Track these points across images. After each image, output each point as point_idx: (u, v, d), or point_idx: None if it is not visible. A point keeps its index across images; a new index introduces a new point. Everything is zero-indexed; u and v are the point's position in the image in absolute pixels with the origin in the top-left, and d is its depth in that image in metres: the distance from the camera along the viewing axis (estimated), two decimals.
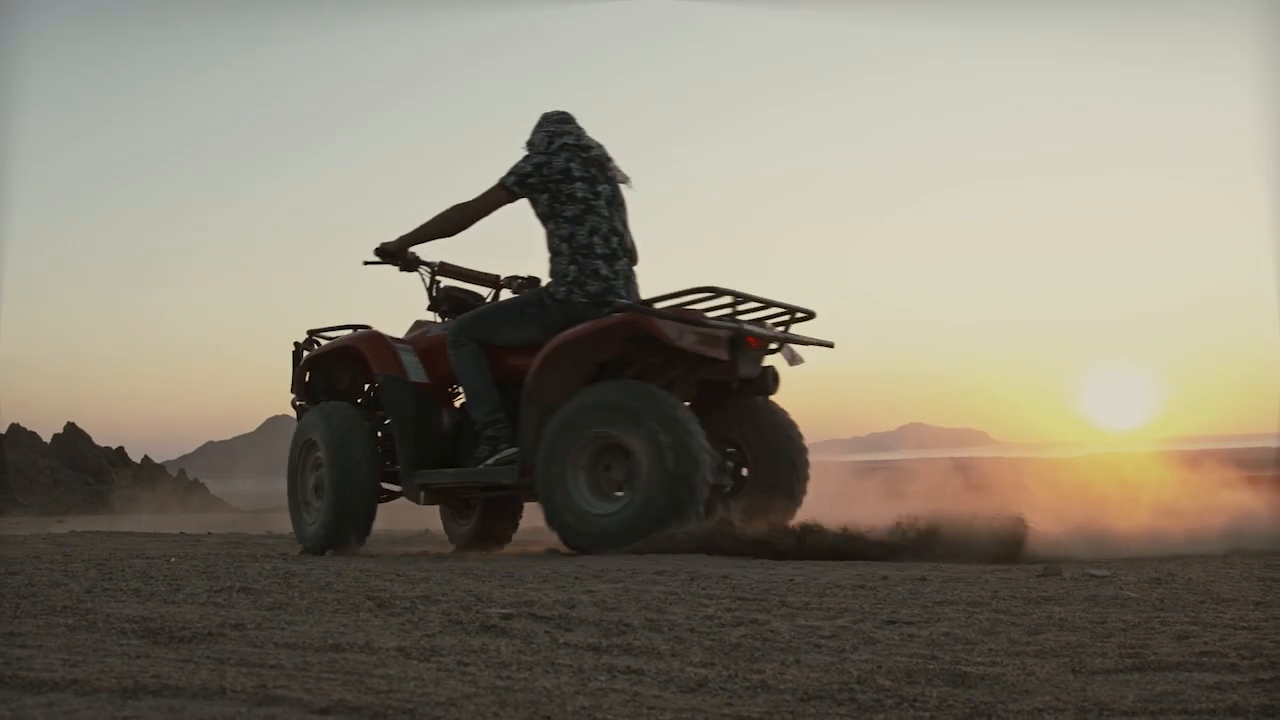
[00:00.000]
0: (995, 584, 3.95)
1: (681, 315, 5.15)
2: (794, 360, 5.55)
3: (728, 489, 5.65)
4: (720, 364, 5.31)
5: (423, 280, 6.20)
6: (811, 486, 5.96)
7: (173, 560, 4.85)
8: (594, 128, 5.84)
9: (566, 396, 5.32)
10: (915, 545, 4.94)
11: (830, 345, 5.74)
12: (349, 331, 6.36)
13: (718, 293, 5.17)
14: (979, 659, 2.57)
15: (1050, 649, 2.69)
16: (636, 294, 5.59)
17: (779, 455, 5.79)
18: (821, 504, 5.95)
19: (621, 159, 5.82)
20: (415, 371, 5.99)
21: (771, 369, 5.61)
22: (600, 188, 5.60)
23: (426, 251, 6.05)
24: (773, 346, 5.62)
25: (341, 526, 6.04)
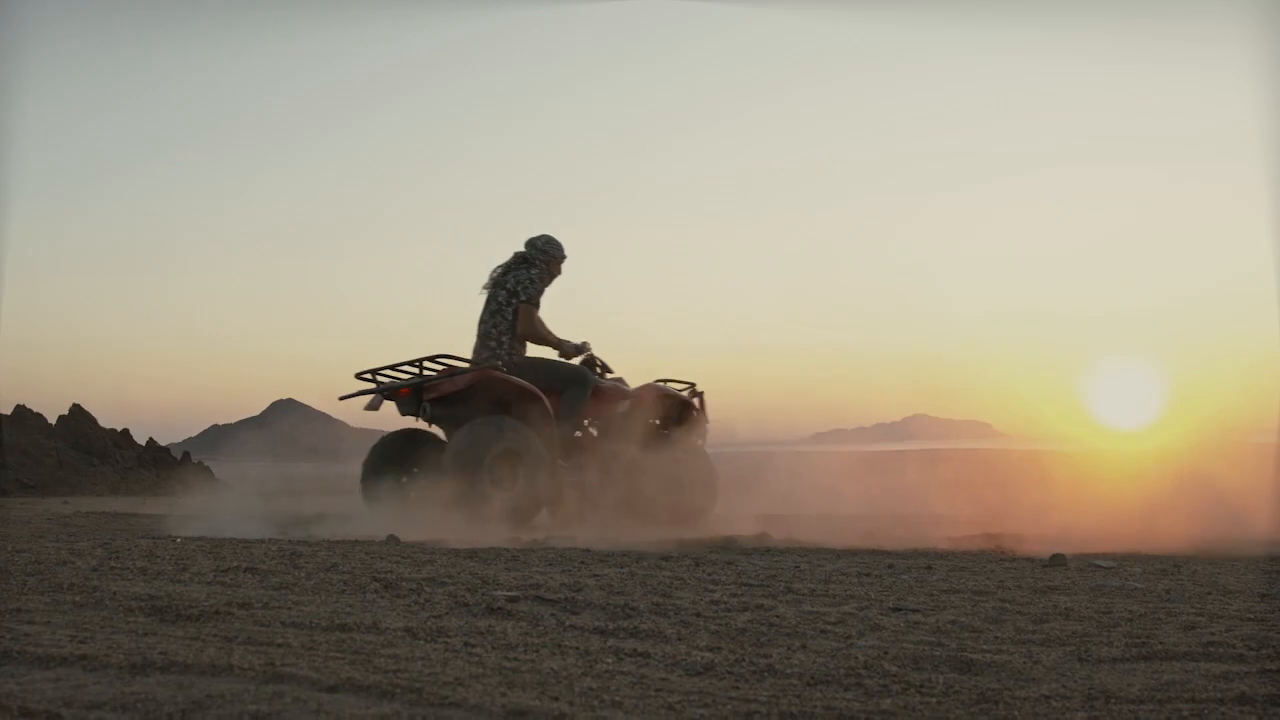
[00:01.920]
0: (1001, 573, 3.96)
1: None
2: (370, 407, 7.23)
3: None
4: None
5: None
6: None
7: (179, 540, 4.85)
8: (594, 127, 5.96)
9: None
10: None
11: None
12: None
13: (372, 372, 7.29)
14: (985, 646, 2.57)
15: (1056, 637, 2.69)
16: (503, 361, 7.39)
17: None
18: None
19: (621, 158, 6.03)
20: None
21: (424, 406, 7.24)
22: (482, 297, 7.66)
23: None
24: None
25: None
